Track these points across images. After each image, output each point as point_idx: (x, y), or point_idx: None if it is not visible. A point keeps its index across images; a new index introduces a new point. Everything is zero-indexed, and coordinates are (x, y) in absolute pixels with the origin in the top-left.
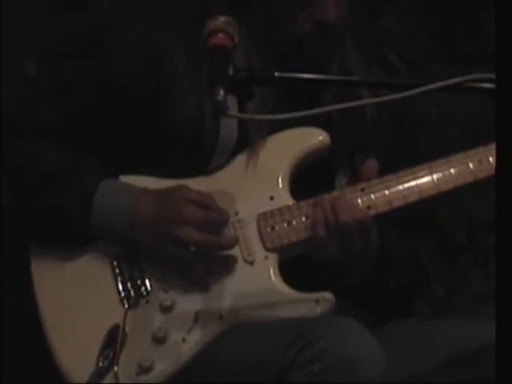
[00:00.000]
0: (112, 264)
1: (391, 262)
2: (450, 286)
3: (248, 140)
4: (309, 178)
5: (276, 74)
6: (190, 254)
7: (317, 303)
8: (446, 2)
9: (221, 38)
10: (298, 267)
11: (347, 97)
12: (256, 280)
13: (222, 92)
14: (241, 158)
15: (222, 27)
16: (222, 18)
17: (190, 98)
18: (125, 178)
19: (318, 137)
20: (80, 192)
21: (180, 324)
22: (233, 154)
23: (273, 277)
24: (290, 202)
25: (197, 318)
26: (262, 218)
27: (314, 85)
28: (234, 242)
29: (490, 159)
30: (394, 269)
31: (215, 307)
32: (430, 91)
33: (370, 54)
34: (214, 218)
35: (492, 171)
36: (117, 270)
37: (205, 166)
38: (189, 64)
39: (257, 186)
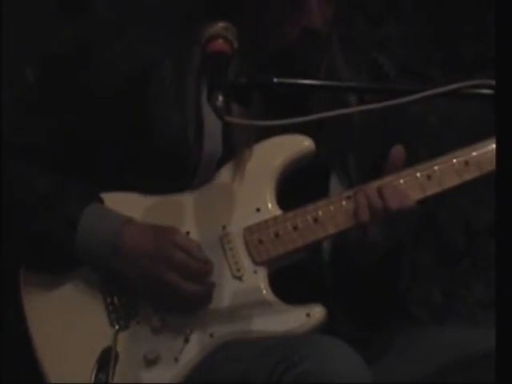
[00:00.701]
0: (101, 286)
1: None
2: (449, 291)
3: (233, 151)
4: (301, 185)
5: (275, 79)
6: (167, 291)
7: (308, 316)
8: (445, 8)
9: (220, 43)
10: (289, 277)
11: (333, 102)
12: (246, 295)
13: (220, 97)
14: (226, 171)
15: (221, 33)
16: (221, 24)
17: (174, 113)
18: (108, 195)
19: (302, 143)
20: (65, 217)
21: (171, 344)
22: (219, 165)
23: (263, 291)
24: (277, 212)
25: (188, 337)
26: (249, 231)
27: (312, 90)
28: (210, 290)
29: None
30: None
31: (206, 325)
32: (429, 97)
33: (359, 57)
34: (196, 267)
35: (478, 172)
36: (106, 292)
37: (190, 180)
38: (174, 79)
39: (243, 199)
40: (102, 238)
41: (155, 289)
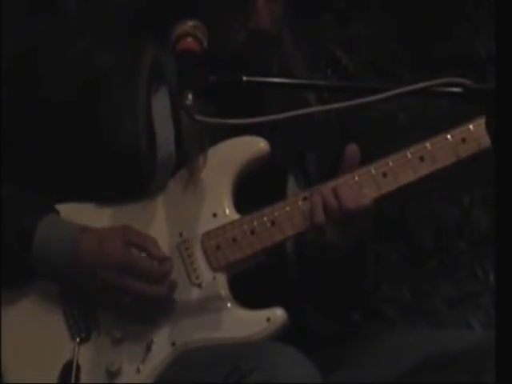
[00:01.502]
0: (60, 298)
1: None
2: (418, 290)
3: (187, 156)
4: (258, 187)
5: (244, 78)
6: (128, 297)
7: (268, 321)
8: (414, 6)
9: (189, 42)
10: (252, 279)
11: (291, 100)
12: (206, 302)
13: (190, 96)
14: (181, 176)
15: (190, 31)
16: (190, 23)
17: (125, 121)
18: (63, 206)
19: (257, 145)
20: (20, 230)
21: (133, 354)
22: (174, 171)
23: (223, 297)
24: (234, 216)
25: (149, 346)
26: (206, 237)
27: (282, 88)
28: (172, 289)
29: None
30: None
31: (168, 334)
32: (398, 95)
33: (318, 53)
34: (153, 270)
35: (434, 167)
36: (65, 304)
37: (146, 188)
38: (125, 86)
39: (199, 204)
40: (58, 248)
41: (115, 296)
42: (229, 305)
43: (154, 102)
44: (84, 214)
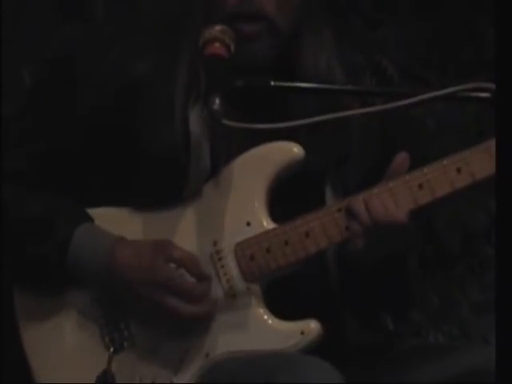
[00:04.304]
0: (94, 307)
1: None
2: (445, 296)
3: (221, 163)
4: (295, 194)
5: (272, 83)
6: (164, 313)
7: (302, 334)
8: (442, 10)
9: (217, 47)
10: (288, 288)
11: (325, 106)
12: (240, 313)
13: (217, 101)
14: (215, 183)
15: (217, 36)
16: (217, 27)
17: (163, 128)
18: (97, 211)
19: (290, 150)
20: (56, 241)
21: (166, 366)
22: (208, 178)
23: (256, 308)
24: (269, 225)
25: (183, 357)
26: (240, 247)
27: (309, 93)
28: (210, 311)
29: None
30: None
31: (201, 345)
32: (426, 101)
33: (359, 59)
34: (191, 289)
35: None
36: (99, 314)
37: (180, 195)
38: (162, 95)
39: (233, 212)
40: (94, 258)
41: (152, 311)
42: (262, 316)
43: (192, 112)
44: (118, 219)
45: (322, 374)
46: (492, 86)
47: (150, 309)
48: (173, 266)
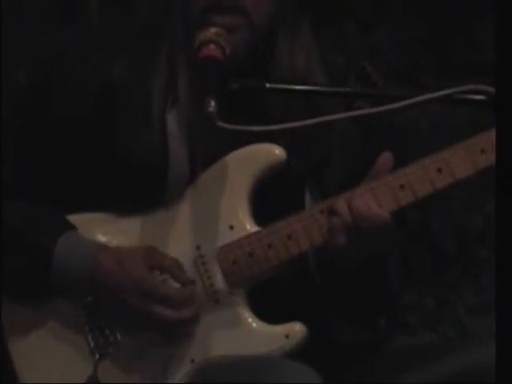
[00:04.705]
0: (79, 314)
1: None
2: (441, 298)
3: (202, 166)
4: (277, 197)
5: (267, 85)
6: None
7: (286, 338)
8: (437, 13)
9: (212, 49)
10: (272, 292)
11: (307, 109)
12: (223, 317)
13: (213, 103)
14: (197, 187)
15: (212, 38)
16: (212, 29)
17: (141, 132)
18: (79, 217)
19: (272, 152)
20: (38, 252)
21: (152, 372)
22: (189, 181)
23: (240, 312)
24: (252, 228)
25: (168, 363)
26: (223, 252)
27: (305, 96)
28: (193, 318)
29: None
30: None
31: (185, 350)
32: (421, 103)
33: (346, 64)
34: (175, 295)
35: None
36: (84, 320)
37: (161, 199)
38: (140, 98)
39: (216, 216)
40: (78, 268)
41: (135, 319)
42: (247, 320)
43: (169, 115)
44: (99, 225)
45: (302, 376)
46: (488, 88)
47: (134, 316)
48: (156, 272)
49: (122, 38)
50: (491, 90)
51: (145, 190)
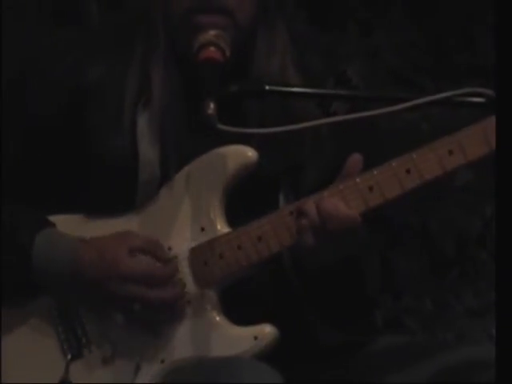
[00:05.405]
0: (53, 314)
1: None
2: (439, 300)
3: (174, 169)
4: (251, 199)
5: (266, 87)
6: (132, 308)
7: (255, 339)
8: (436, 16)
9: (212, 51)
10: (247, 294)
11: (287, 113)
12: (194, 319)
13: (212, 105)
14: (169, 188)
15: (212, 40)
16: (212, 32)
17: (113, 136)
18: (53, 218)
19: (244, 154)
20: (17, 246)
21: (123, 373)
22: (161, 183)
23: (211, 314)
24: (223, 230)
25: (139, 364)
26: (193, 253)
27: (303, 98)
28: (178, 297)
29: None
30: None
31: (156, 351)
32: (420, 105)
33: (325, 67)
34: (157, 273)
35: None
36: (57, 320)
37: (133, 200)
38: (112, 100)
39: (187, 217)
40: (58, 261)
41: (122, 306)
42: (216, 322)
43: (141, 117)
44: (72, 227)
45: (259, 376)
46: (487, 90)
47: (119, 304)
48: (137, 255)
49: (99, 39)
50: (490, 92)
51: (116, 191)
